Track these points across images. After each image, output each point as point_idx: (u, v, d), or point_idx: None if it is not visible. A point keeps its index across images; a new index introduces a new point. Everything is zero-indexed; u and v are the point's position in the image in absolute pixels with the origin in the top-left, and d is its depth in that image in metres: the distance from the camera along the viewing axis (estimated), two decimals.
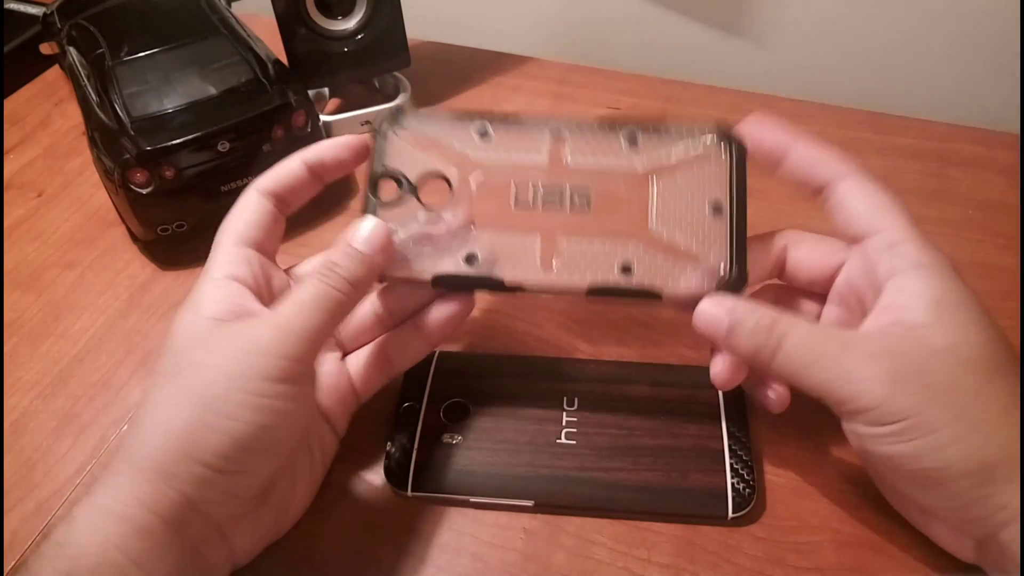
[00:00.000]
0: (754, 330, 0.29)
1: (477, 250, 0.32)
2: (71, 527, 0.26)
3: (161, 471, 0.27)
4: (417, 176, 0.33)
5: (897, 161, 0.52)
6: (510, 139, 0.33)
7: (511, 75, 0.62)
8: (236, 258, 0.32)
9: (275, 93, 0.46)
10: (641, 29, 0.69)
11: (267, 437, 0.29)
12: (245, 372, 0.28)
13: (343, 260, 0.31)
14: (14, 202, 0.52)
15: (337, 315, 0.30)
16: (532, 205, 0.33)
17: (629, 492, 0.34)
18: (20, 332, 0.44)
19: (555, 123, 0.33)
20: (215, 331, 0.29)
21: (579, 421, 0.36)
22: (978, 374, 0.27)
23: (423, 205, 0.33)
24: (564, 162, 0.33)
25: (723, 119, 0.33)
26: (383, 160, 0.33)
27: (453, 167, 0.33)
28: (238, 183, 0.46)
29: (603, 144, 0.33)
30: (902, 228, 0.30)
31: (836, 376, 0.28)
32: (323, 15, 0.53)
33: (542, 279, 0.32)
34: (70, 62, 0.50)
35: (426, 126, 0.33)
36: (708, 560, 0.33)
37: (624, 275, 0.32)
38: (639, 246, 0.32)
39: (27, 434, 0.39)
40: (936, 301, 0.28)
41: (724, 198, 0.32)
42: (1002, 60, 0.58)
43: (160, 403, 0.28)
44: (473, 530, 0.34)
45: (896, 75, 0.63)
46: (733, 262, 0.31)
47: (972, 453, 0.26)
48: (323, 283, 0.30)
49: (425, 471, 0.35)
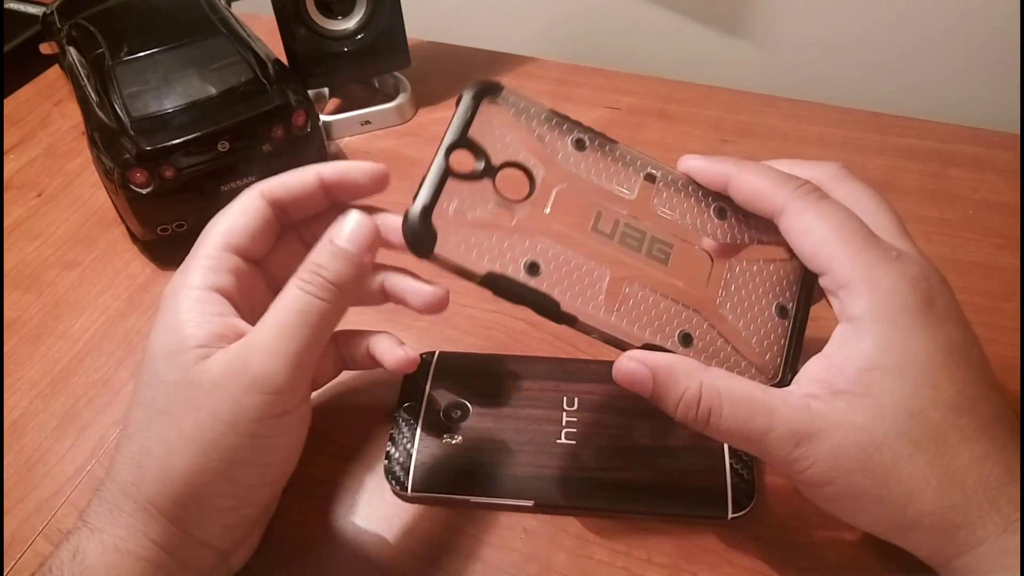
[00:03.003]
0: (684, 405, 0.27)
1: (541, 262, 0.28)
2: (83, 563, 0.27)
3: (167, 513, 0.27)
4: (500, 160, 0.29)
5: (897, 161, 0.52)
6: (604, 162, 0.30)
7: (511, 75, 0.62)
8: (219, 264, 0.30)
9: (275, 93, 0.46)
10: (641, 29, 0.69)
11: (267, 471, 0.29)
12: (238, 415, 0.27)
13: (327, 261, 0.28)
14: (14, 202, 0.52)
15: (325, 328, 0.28)
16: (611, 237, 0.29)
17: (629, 492, 0.34)
18: (20, 332, 0.44)
19: (651, 163, 0.31)
20: (202, 366, 0.27)
21: (579, 421, 0.36)
22: (892, 452, 0.25)
23: (497, 192, 0.29)
24: (651, 207, 0.30)
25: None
26: (468, 129, 0.29)
27: (540, 166, 0.29)
28: (238, 183, 0.46)
29: (693, 204, 0.31)
30: (847, 267, 0.27)
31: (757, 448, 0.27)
32: (323, 15, 0.53)
33: (600, 318, 0.28)
34: (70, 62, 0.50)
35: (524, 113, 0.30)
36: (708, 560, 0.33)
37: (683, 345, 0.29)
38: (703, 322, 0.29)
39: (27, 434, 0.39)
40: (865, 368, 0.26)
41: (791, 305, 0.30)
42: (1002, 60, 0.58)
43: (157, 444, 0.27)
44: (473, 530, 0.34)
45: (896, 75, 0.63)
46: (787, 370, 0.29)
47: (892, 522, 0.27)
48: (305, 294, 0.27)
49: (425, 471, 0.35)
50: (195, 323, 0.28)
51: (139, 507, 0.27)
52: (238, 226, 0.31)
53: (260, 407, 0.27)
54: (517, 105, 0.30)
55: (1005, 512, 0.25)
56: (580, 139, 0.30)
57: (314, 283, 0.28)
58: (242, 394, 0.27)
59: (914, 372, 0.26)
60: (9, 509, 0.36)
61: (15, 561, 0.34)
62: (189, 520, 0.28)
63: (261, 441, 0.27)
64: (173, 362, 0.28)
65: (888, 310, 0.26)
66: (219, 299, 0.29)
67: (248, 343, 0.27)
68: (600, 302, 0.29)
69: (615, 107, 0.58)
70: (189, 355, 0.27)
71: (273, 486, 0.31)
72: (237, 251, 0.31)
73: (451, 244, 0.27)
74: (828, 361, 0.27)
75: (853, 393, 0.26)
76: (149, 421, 0.28)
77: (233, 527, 0.29)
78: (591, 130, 0.31)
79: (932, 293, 0.27)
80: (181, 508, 0.27)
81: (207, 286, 0.29)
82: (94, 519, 0.28)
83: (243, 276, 0.31)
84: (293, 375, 0.27)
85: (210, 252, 0.30)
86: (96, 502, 0.28)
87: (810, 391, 0.27)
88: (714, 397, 0.27)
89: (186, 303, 0.29)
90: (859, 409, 0.26)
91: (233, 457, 0.27)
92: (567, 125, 0.30)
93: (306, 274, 0.28)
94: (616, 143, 0.31)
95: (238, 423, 0.27)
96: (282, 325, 0.27)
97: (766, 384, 0.28)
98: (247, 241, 0.31)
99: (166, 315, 0.29)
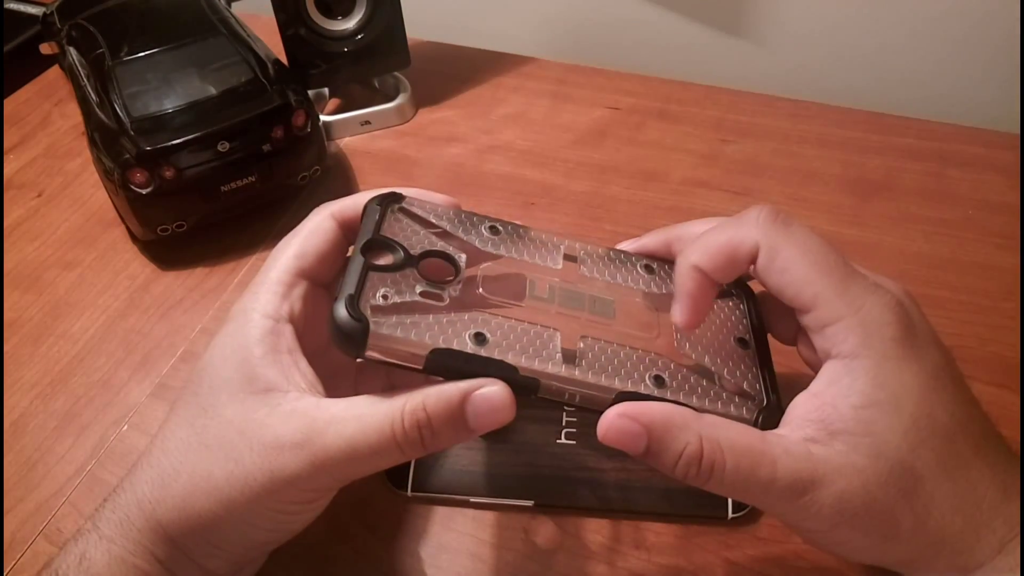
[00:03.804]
0: (685, 463, 0.25)
1: (486, 331, 0.26)
2: (90, 571, 0.27)
3: (176, 541, 0.27)
4: (419, 250, 0.28)
5: (897, 161, 0.52)
6: (523, 242, 0.30)
7: (511, 75, 0.62)
8: (291, 291, 0.29)
9: (275, 93, 0.46)
10: (641, 29, 0.69)
11: (281, 536, 0.29)
12: (271, 494, 0.26)
13: (440, 424, 0.25)
14: (14, 202, 0.52)
15: (384, 461, 0.26)
16: (550, 301, 0.28)
17: (629, 492, 0.34)
18: (20, 332, 0.44)
19: (566, 243, 0.31)
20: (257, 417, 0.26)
21: (579, 421, 0.36)
22: (897, 487, 0.25)
23: (423, 277, 0.27)
24: (581, 272, 0.30)
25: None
26: (379, 229, 0.28)
27: (461, 251, 0.29)
28: (238, 183, 0.46)
29: (620, 266, 0.31)
30: (834, 305, 0.26)
31: (759, 502, 0.26)
32: (323, 15, 0.53)
33: (563, 376, 0.26)
34: (70, 62, 0.50)
35: (432, 213, 0.30)
36: (708, 560, 0.33)
37: (657, 387, 0.27)
38: (669, 363, 0.28)
39: (27, 434, 0.39)
40: (862, 405, 0.25)
41: (747, 335, 0.30)
42: (1002, 60, 0.58)
43: (187, 473, 0.27)
44: (473, 530, 0.34)
45: (896, 75, 0.63)
46: (770, 389, 0.28)
47: (895, 557, 0.26)
48: (393, 437, 0.25)
49: (425, 471, 0.35)
50: (265, 361, 0.27)
51: (150, 525, 0.27)
52: (310, 250, 0.30)
53: (293, 496, 0.26)
54: (423, 207, 0.30)
55: (1000, 533, 0.25)
56: (494, 226, 0.30)
57: (410, 436, 0.25)
58: (281, 480, 0.25)
59: (909, 405, 0.25)
60: (9, 509, 0.36)
61: (15, 561, 0.34)
62: (195, 552, 0.28)
63: (282, 516, 0.28)
64: (237, 399, 0.27)
65: (879, 344, 0.25)
66: (290, 332, 0.28)
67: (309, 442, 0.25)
68: (558, 359, 0.26)
69: (615, 107, 0.58)
70: (254, 399, 0.26)
71: (283, 539, 0.30)
72: (308, 275, 0.30)
73: (385, 330, 0.25)
74: (819, 400, 0.26)
75: (852, 432, 0.25)
76: (189, 448, 0.27)
77: (238, 563, 0.30)
78: (502, 220, 0.30)
79: (911, 317, 0.26)
80: (190, 540, 0.27)
81: (280, 316, 0.28)
82: (104, 526, 0.28)
83: (311, 302, 0.30)
84: (334, 481, 0.27)
85: (283, 277, 0.29)
86: (110, 507, 0.28)
87: (807, 434, 0.26)
88: (716, 451, 0.25)
89: (258, 333, 0.28)
90: (860, 449, 0.25)
91: (252, 521, 0.27)
92: (477, 218, 0.30)
93: (410, 421, 0.25)
94: (529, 228, 0.31)
95: (267, 498, 0.26)
96: (354, 447, 0.25)
97: (754, 411, 0.27)
98: (317, 264, 0.30)
99: (236, 339, 0.28)
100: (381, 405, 0.25)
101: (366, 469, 0.26)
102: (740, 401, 0.28)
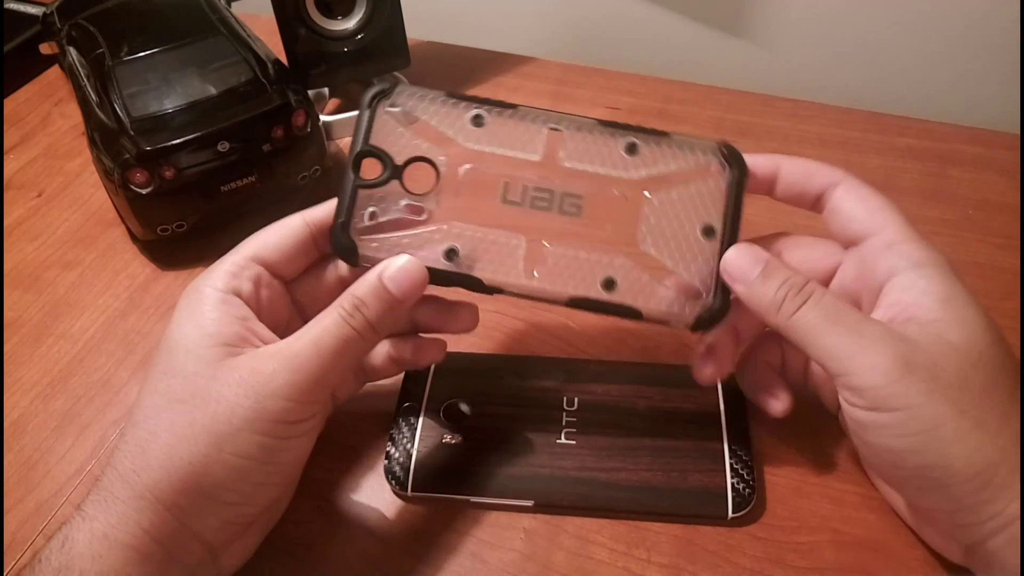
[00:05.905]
0: (785, 284, 0.29)
1: (458, 245, 0.31)
2: (71, 552, 0.27)
3: (166, 501, 0.27)
4: (403, 158, 0.32)
5: (897, 161, 0.52)
6: (505, 130, 0.32)
7: (511, 75, 0.62)
8: (242, 271, 0.31)
9: (275, 93, 0.46)
10: (641, 29, 0.69)
11: (274, 471, 0.29)
12: (258, 414, 0.27)
13: (372, 300, 0.29)
14: (14, 202, 0.52)
15: (354, 357, 0.30)
16: (521, 204, 0.32)
17: (629, 492, 0.34)
18: (20, 332, 0.44)
19: (554, 118, 0.32)
20: (226, 362, 0.28)
21: (579, 421, 0.36)
22: (986, 373, 0.27)
23: (406, 190, 0.31)
24: (558, 162, 0.32)
25: (725, 140, 0.32)
26: (368, 136, 0.32)
27: (442, 154, 0.32)
28: (238, 183, 0.46)
29: (601, 148, 0.32)
30: (899, 228, 0.30)
31: (848, 345, 0.28)
32: (323, 15, 0.53)
33: (523, 284, 0.31)
34: (70, 62, 0.50)
35: (418, 105, 0.32)
36: (708, 560, 0.33)
37: (607, 290, 0.31)
38: (626, 262, 0.31)
39: (27, 434, 0.39)
40: (945, 298, 0.28)
41: (717, 221, 0.31)
42: (1002, 60, 0.58)
43: (166, 431, 0.28)
44: (473, 530, 0.34)
45: (896, 75, 0.63)
46: (718, 290, 0.31)
47: (974, 453, 0.26)
48: (345, 324, 0.29)
49: (425, 471, 0.35)
50: (220, 322, 0.29)
51: (136, 494, 0.27)
52: (270, 241, 0.32)
53: (281, 411, 0.28)
54: (412, 99, 0.32)
55: None
56: (478, 115, 0.32)
57: (356, 319, 0.29)
58: (266, 397, 0.28)
59: (979, 309, 0.28)
60: (9, 509, 0.36)
61: (15, 561, 0.34)
62: (187, 509, 0.28)
63: (274, 442, 0.28)
64: (196, 355, 0.28)
65: (941, 260, 0.29)
66: (240, 303, 0.30)
67: (281, 352, 0.28)
68: (520, 269, 0.31)
69: (615, 107, 0.58)
70: (214, 351, 0.28)
71: (277, 488, 0.31)
72: (264, 263, 0.32)
73: (370, 252, 0.31)
74: (898, 306, 0.29)
75: (942, 320, 0.28)
76: (160, 409, 0.28)
77: (230, 523, 0.29)
78: (489, 101, 0.32)
79: None
80: (182, 496, 0.27)
81: (229, 289, 0.30)
82: (88, 507, 0.28)
83: (266, 288, 0.32)
84: (316, 389, 0.29)
85: (237, 260, 0.31)
86: (94, 491, 0.28)
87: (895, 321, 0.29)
88: (813, 286, 0.29)
89: (209, 302, 0.30)
90: (955, 331, 0.28)
91: (245, 452, 0.28)
92: (463, 104, 0.32)
93: (349, 306, 0.29)
94: (516, 107, 0.32)
95: (256, 422, 0.27)
96: (320, 345, 0.28)
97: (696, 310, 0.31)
98: (276, 256, 0.32)
99: (189, 311, 0.30)
100: (330, 310, 0.29)
101: (335, 361, 0.29)
102: (685, 301, 0.31)
